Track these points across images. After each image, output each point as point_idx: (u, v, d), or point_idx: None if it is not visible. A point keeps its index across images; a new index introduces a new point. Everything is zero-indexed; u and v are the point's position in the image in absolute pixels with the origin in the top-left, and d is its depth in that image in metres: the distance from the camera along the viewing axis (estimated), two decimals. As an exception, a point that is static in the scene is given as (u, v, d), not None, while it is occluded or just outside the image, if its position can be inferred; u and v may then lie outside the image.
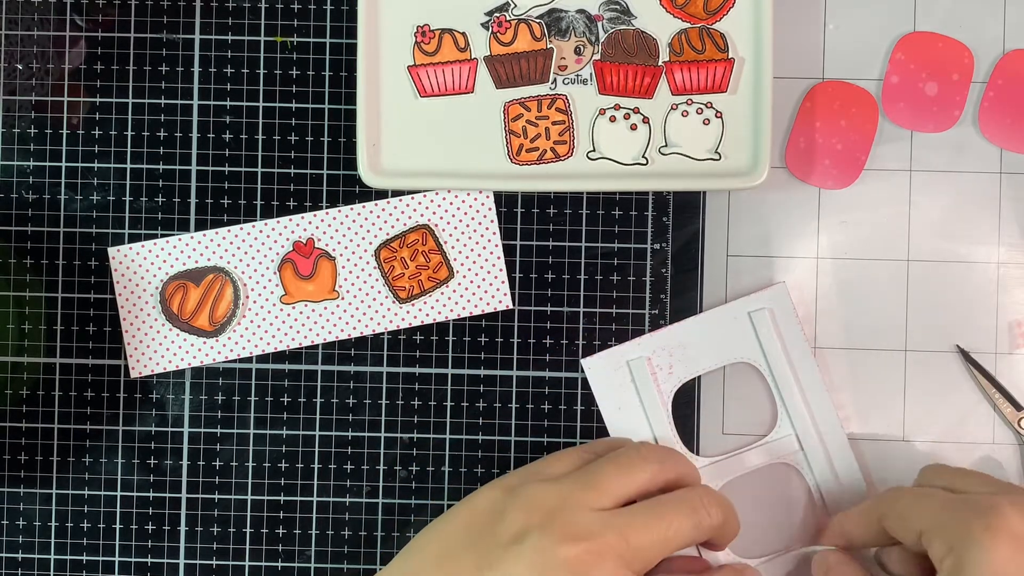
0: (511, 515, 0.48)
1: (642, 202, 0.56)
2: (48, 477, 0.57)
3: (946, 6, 0.56)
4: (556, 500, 0.49)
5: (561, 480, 0.50)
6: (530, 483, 0.50)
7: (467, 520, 0.50)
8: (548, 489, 0.49)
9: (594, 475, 0.50)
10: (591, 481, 0.49)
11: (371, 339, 0.56)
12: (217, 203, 0.56)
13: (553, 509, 0.48)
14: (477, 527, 0.49)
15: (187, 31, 0.57)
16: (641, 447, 0.52)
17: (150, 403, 0.57)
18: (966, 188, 0.56)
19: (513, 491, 0.50)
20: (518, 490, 0.50)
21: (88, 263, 0.57)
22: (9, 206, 0.57)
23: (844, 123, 0.56)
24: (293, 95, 0.56)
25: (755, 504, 0.56)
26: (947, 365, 0.56)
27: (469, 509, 0.50)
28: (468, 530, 0.49)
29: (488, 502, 0.50)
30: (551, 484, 0.50)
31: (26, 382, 0.57)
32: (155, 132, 0.57)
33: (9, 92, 0.57)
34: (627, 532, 0.48)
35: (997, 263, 0.56)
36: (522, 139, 0.55)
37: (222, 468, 0.57)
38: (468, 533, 0.49)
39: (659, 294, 0.56)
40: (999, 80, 0.56)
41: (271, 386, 0.57)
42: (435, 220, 0.56)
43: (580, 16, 0.55)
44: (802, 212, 0.56)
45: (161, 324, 0.56)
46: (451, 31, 0.55)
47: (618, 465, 0.50)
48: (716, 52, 0.55)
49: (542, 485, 0.50)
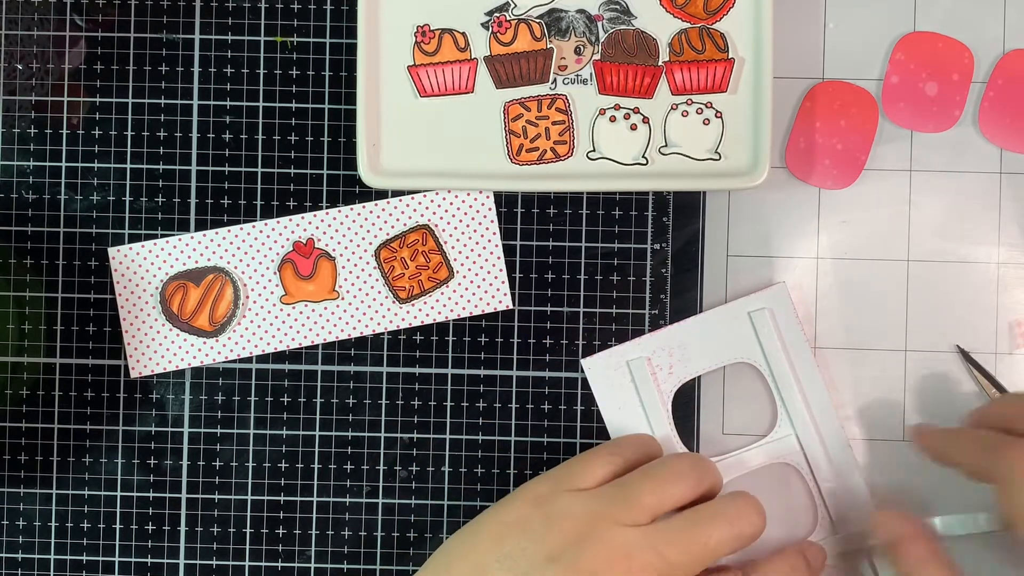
0: (541, 532, 0.48)
1: (642, 202, 0.56)
2: (48, 477, 0.57)
3: (946, 6, 0.56)
4: (590, 516, 0.48)
5: (594, 494, 0.49)
6: (562, 495, 0.49)
7: (497, 531, 0.49)
8: (581, 504, 0.48)
9: (629, 490, 0.49)
10: (626, 496, 0.48)
11: (371, 339, 0.56)
12: (217, 203, 0.56)
13: (587, 526, 0.47)
14: (509, 540, 0.48)
15: (187, 31, 0.57)
16: (675, 462, 0.51)
17: (150, 403, 0.57)
18: (966, 188, 0.56)
19: (544, 504, 0.49)
20: (549, 503, 0.49)
21: (88, 263, 0.57)
22: (9, 206, 0.57)
23: (844, 123, 0.56)
24: (293, 95, 0.56)
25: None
26: (947, 365, 0.56)
27: (497, 518, 0.49)
28: (498, 542, 0.48)
29: (519, 515, 0.49)
30: (584, 498, 0.49)
31: (26, 382, 0.57)
32: (155, 132, 0.57)
33: (9, 92, 0.57)
34: (665, 549, 0.47)
35: (997, 263, 0.56)
36: (522, 139, 0.55)
37: (222, 468, 0.57)
38: (498, 545, 0.48)
39: (659, 294, 0.56)
40: (999, 80, 0.56)
41: (271, 386, 0.57)
42: (435, 220, 0.56)
43: (580, 16, 0.55)
44: (802, 212, 0.56)
45: (161, 324, 0.56)
46: (451, 31, 0.55)
47: (654, 480, 0.49)
48: (716, 52, 0.55)
49: (575, 499, 0.49)
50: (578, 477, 0.50)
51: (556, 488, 0.50)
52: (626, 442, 0.53)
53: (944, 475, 0.52)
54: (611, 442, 0.54)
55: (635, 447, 0.53)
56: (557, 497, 0.49)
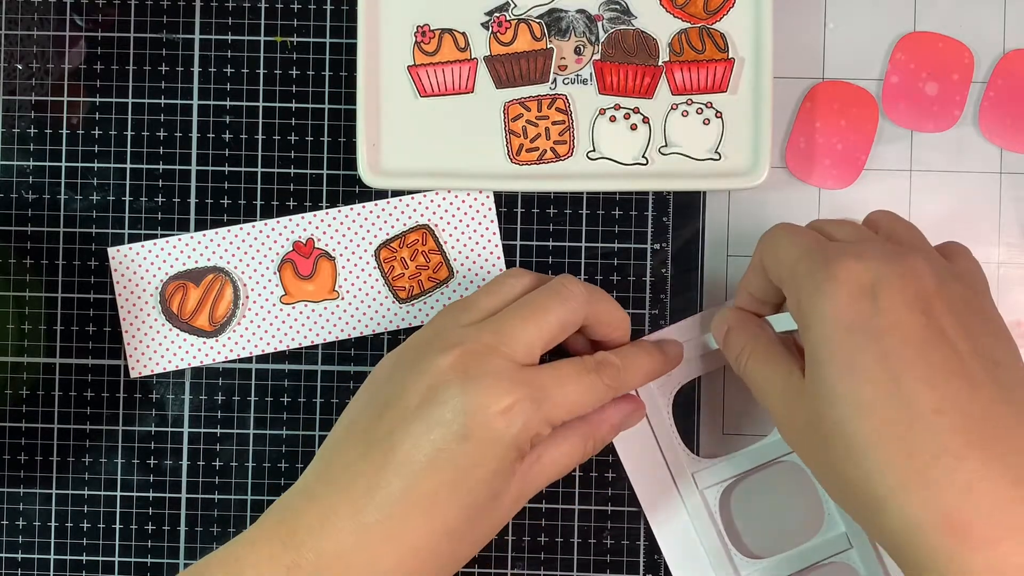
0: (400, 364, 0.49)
1: (642, 202, 0.56)
2: (48, 477, 0.57)
3: (946, 6, 0.56)
4: (434, 329, 0.49)
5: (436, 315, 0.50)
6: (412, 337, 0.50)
7: (369, 389, 0.50)
8: (426, 326, 0.50)
9: (466, 298, 0.50)
10: (463, 303, 0.50)
11: (371, 339, 0.56)
12: (217, 203, 0.56)
13: (431, 335, 0.48)
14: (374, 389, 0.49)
15: (187, 31, 0.57)
16: (509, 271, 0.52)
17: (150, 403, 0.57)
18: (966, 188, 0.56)
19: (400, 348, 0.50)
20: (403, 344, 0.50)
21: (88, 263, 0.57)
22: (9, 206, 0.57)
23: (844, 123, 0.56)
24: (293, 95, 0.56)
25: (757, 504, 0.56)
26: (947, 365, 0.56)
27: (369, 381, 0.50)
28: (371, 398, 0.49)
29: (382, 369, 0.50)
30: (428, 322, 0.50)
31: (26, 382, 0.57)
32: (155, 132, 0.57)
33: (9, 92, 0.57)
34: (499, 328, 0.47)
35: (997, 263, 0.56)
36: (522, 139, 0.55)
37: (222, 468, 0.57)
38: (370, 399, 0.49)
39: (659, 294, 0.56)
40: (999, 80, 0.56)
41: (271, 386, 0.57)
42: (435, 220, 0.56)
43: (580, 16, 0.55)
44: (802, 212, 0.56)
45: (161, 324, 0.56)
46: (451, 31, 0.55)
47: (488, 285, 0.51)
48: (716, 52, 0.55)
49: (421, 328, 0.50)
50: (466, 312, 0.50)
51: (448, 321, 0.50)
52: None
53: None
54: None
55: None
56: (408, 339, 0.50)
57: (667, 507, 0.55)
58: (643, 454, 0.55)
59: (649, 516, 0.55)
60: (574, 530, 0.56)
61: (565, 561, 0.56)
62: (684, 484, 0.55)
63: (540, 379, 0.47)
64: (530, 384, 0.46)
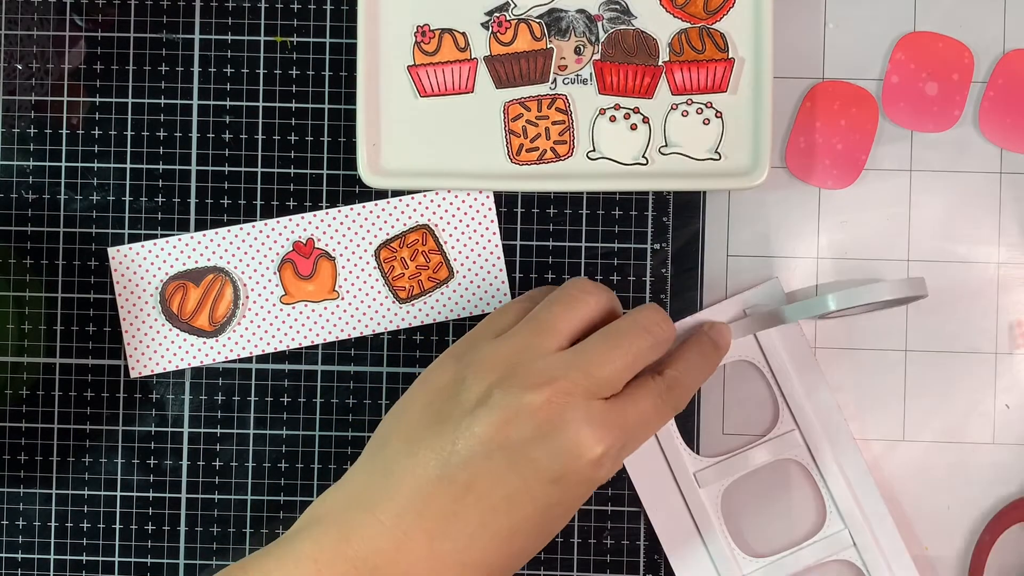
0: (469, 381, 0.47)
1: (642, 202, 0.56)
2: (48, 477, 0.57)
3: (946, 6, 0.56)
4: (511, 353, 0.47)
5: (509, 334, 0.48)
6: (480, 344, 0.48)
7: (426, 398, 0.48)
8: (500, 344, 0.48)
9: (543, 319, 0.48)
10: (541, 326, 0.48)
11: (371, 339, 0.56)
12: (217, 203, 0.56)
13: (510, 362, 0.47)
14: (438, 402, 0.47)
15: (187, 31, 0.57)
16: (577, 282, 0.50)
17: (150, 403, 0.57)
18: (966, 188, 0.56)
19: (464, 357, 0.48)
20: (470, 354, 0.48)
21: (88, 263, 0.57)
22: (9, 206, 0.57)
23: (844, 123, 0.56)
24: (293, 95, 0.56)
25: (758, 503, 0.56)
26: (947, 365, 0.56)
27: (424, 386, 0.49)
28: (429, 407, 0.47)
29: (442, 374, 0.48)
30: (502, 340, 0.48)
31: (26, 382, 0.57)
32: (155, 132, 0.57)
33: (9, 92, 0.57)
34: (589, 367, 0.46)
35: (997, 263, 0.56)
36: (522, 139, 0.55)
37: (222, 468, 0.57)
38: (430, 410, 0.47)
39: (659, 294, 0.56)
40: (999, 80, 0.56)
41: (271, 386, 0.57)
42: (435, 220, 0.56)
43: (580, 16, 0.55)
44: (802, 212, 0.56)
45: (161, 324, 0.56)
46: (451, 31, 0.55)
47: (563, 304, 0.49)
48: (716, 52, 0.55)
49: (493, 343, 0.48)
50: (494, 326, 0.50)
51: (475, 342, 0.49)
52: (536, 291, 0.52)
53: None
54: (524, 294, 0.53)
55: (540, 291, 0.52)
56: (477, 348, 0.48)
57: (669, 507, 0.55)
58: (644, 454, 0.55)
59: (652, 516, 0.55)
60: (574, 530, 0.56)
61: (565, 561, 0.56)
62: (686, 483, 0.55)
63: (626, 420, 0.47)
64: (620, 427, 0.46)
